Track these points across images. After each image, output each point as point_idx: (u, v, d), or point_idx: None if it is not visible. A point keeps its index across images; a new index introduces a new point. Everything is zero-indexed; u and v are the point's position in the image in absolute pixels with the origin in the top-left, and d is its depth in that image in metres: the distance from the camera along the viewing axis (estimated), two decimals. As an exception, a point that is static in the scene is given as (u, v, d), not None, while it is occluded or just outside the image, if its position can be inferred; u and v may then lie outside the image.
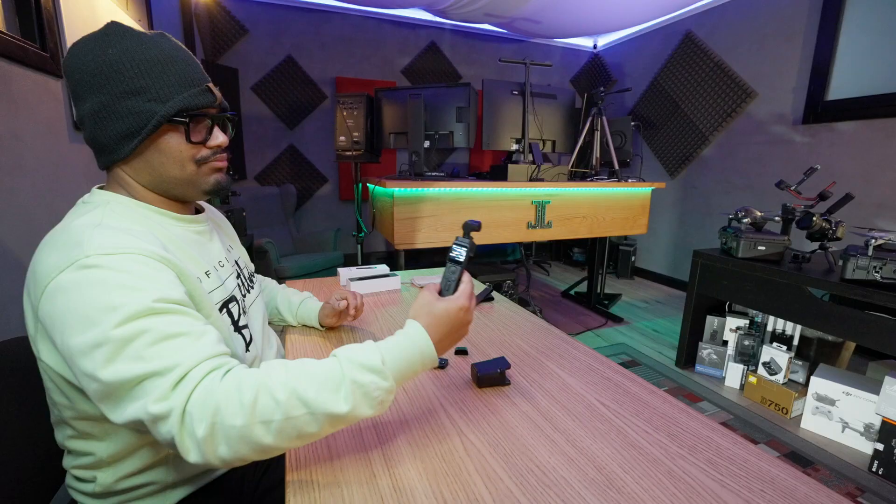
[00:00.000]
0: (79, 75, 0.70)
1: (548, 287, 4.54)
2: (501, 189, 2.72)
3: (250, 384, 0.60)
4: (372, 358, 0.65)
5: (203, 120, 0.78)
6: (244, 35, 4.16)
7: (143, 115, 0.71)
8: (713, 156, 4.07)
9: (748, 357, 2.44)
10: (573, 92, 3.23)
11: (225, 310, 0.83)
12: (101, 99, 0.70)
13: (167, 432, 0.57)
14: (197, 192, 0.81)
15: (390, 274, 1.61)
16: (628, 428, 0.77)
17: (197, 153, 0.78)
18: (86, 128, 0.73)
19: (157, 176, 0.77)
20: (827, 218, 2.10)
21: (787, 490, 0.62)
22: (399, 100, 2.76)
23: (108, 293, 0.60)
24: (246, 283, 1.00)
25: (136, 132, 0.71)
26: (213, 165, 0.81)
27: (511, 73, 5.17)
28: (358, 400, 0.63)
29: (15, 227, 1.33)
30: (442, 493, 0.61)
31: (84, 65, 0.69)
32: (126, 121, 0.71)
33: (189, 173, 0.78)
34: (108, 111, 0.70)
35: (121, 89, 0.70)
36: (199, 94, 0.75)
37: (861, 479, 1.78)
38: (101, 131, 0.71)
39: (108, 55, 0.69)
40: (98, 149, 0.74)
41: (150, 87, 0.71)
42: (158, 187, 0.79)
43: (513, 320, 1.30)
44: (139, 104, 0.70)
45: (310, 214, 4.74)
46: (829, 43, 3.10)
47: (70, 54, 0.71)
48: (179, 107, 0.72)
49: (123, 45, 0.70)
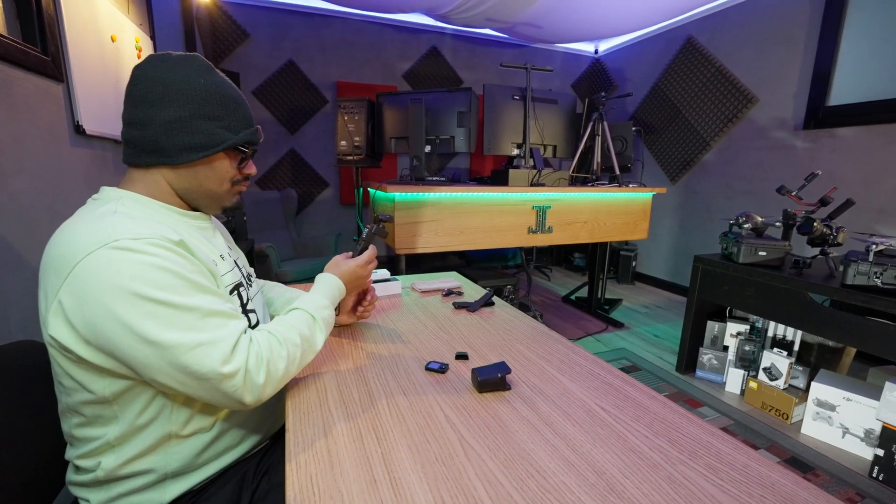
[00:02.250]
0: (161, 86, 0.80)
1: (548, 292, 4.54)
2: (502, 194, 2.72)
3: (277, 340, 0.82)
4: (323, 300, 0.98)
5: (248, 156, 0.93)
6: (245, 39, 4.18)
7: (215, 136, 0.84)
8: (714, 161, 4.07)
9: (749, 362, 2.44)
10: (574, 97, 3.25)
11: (235, 292, 0.93)
12: (182, 114, 0.81)
13: (232, 386, 0.73)
14: (218, 206, 0.95)
15: (391, 278, 1.61)
16: (628, 433, 0.77)
17: (235, 176, 0.92)
18: (148, 129, 0.81)
19: (197, 186, 0.88)
20: (828, 223, 2.10)
21: (787, 495, 0.62)
22: (400, 104, 2.77)
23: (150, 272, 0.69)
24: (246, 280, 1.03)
25: (205, 148, 0.84)
26: (240, 188, 0.96)
27: (512, 78, 5.18)
28: (327, 330, 0.96)
29: (16, 230, 1.33)
30: (442, 497, 0.61)
31: (171, 80, 0.80)
32: (198, 137, 0.83)
33: (223, 191, 0.92)
34: (183, 124, 0.81)
35: (202, 112, 0.83)
36: (254, 133, 0.91)
37: (861, 485, 1.77)
38: (169, 138, 0.81)
39: (199, 83, 0.82)
40: (152, 149, 0.82)
41: (226, 117, 0.86)
42: (189, 194, 0.89)
43: (513, 325, 1.30)
44: (214, 128, 0.84)
45: (311, 219, 4.74)
46: (830, 48, 3.11)
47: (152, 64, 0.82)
48: (245, 140, 0.89)
49: (211, 79, 0.84)
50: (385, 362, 1.02)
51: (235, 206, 0.98)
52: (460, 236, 2.67)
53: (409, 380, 0.94)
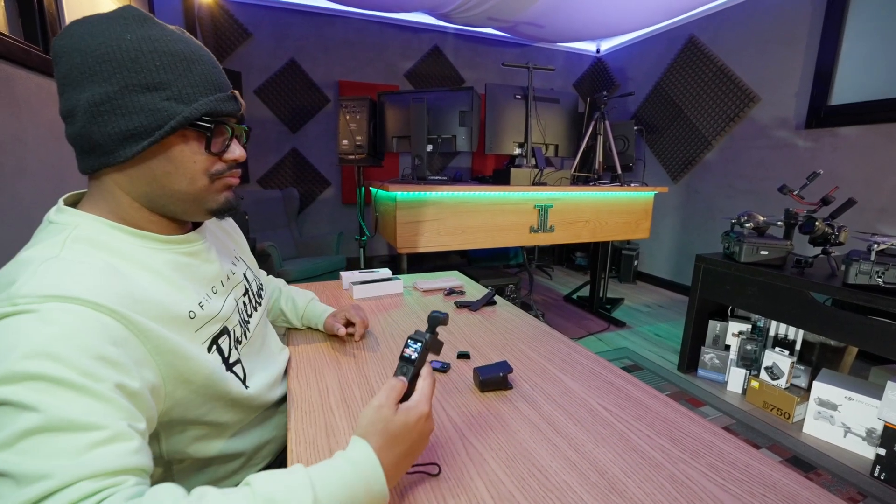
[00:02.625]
0: (80, 58, 0.59)
1: (550, 291, 4.54)
2: (504, 193, 2.72)
3: None
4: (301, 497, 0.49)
5: (223, 130, 0.69)
6: (247, 38, 4.18)
7: (159, 113, 0.61)
8: (716, 160, 4.07)
9: (750, 362, 2.43)
10: (576, 96, 3.24)
11: (215, 346, 0.72)
12: (107, 89, 0.59)
13: None
14: (201, 211, 0.72)
15: (393, 278, 1.61)
16: (630, 432, 0.77)
17: (212, 166, 0.69)
18: (76, 121, 0.61)
19: (159, 188, 0.66)
20: (829, 223, 2.10)
21: (789, 495, 0.62)
22: (402, 104, 2.77)
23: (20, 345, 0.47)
24: (254, 300, 0.92)
25: (148, 132, 0.61)
26: (226, 182, 0.72)
27: (514, 78, 5.18)
28: None
29: (17, 230, 1.33)
30: (444, 496, 0.61)
31: (90, 47, 0.59)
32: (135, 118, 0.60)
33: (198, 188, 0.68)
34: (113, 104, 0.60)
35: (135, 81, 0.60)
36: (225, 101, 0.67)
37: (863, 484, 1.77)
38: (100, 127, 0.60)
39: (125, 41, 0.59)
40: (89, 148, 0.63)
41: (172, 84, 0.62)
42: (154, 203, 0.68)
43: (515, 324, 1.30)
44: (155, 101, 0.61)
45: (312, 218, 4.75)
46: (831, 48, 3.10)
47: (69, 33, 0.60)
48: (205, 110, 0.64)
49: (144, 33, 0.61)
50: (387, 362, 1.03)
51: (227, 208, 0.74)
52: (462, 235, 2.67)
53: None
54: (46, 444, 0.44)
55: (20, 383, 0.45)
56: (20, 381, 0.45)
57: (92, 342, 0.50)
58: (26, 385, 0.45)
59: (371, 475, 0.53)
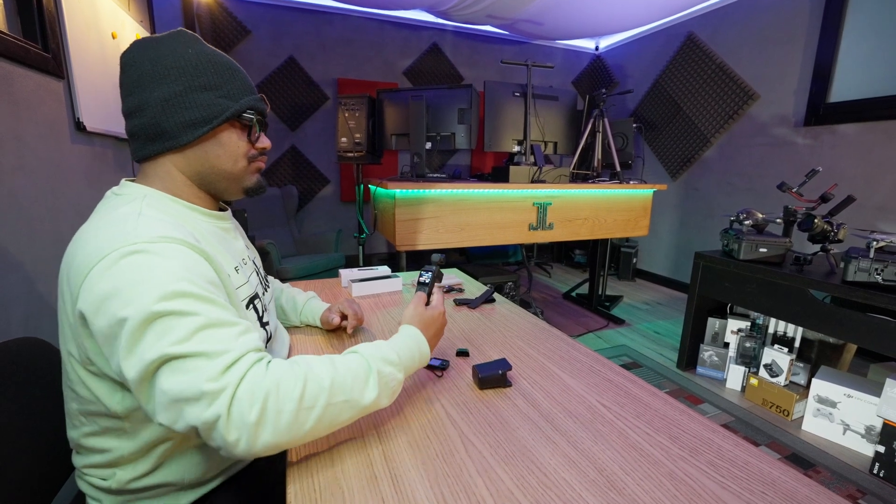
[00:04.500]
0: (150, 66, 0.75)
1: (549, 289, 4.54)
2: (503, 191, 2.72)
3: (296, 374, 0.65)
4: (389, 354, 0.77)
5: (255, 123, 0.85)
6: (246, 36, 4.17)
7: (215, 107, 0.78)
8: (715, 158, 4.07)
9: (749, 359, 2.44)
10: (575, 93, 3.24)
11: (251, 306, 0.87)
12: (176, 89, 0.75)
13: (213, 414, 0.58)
14: (239, 188, 0.88)
15: (392, 275, 1.61)
16: (629, 430, 0.77)
17: (248, 151, 0.85)
18: (146, 113, 0.76)
19: (209, 168, 0.82)
20: (828, 220, 2.10)
21: (788, 492, 0.62)
22: (401, 101, 2.76)
23: (158, 275, 0.63)
24: (263, 282, 1.02)
25: (207, 121, 0.78)
26: (258, 165, 0.89)
27: (513, 75, 5.18)
28: (382, 390, 0.73)
29: (16, 228, 1.33)
30: (443, 494, 0.61)
31: (159, 57, 0.75)
32: (197, 111, 0.77)
33: (239, 169, 0.85)
34: (180, 100, 0.76)
35: (196, 83, 0.77)
36: (259, 101, 0.85)
37: (862, 482, 1.78)
38: (168, 118, 0.76)
39: (187, 53, 0.77)
40: (156, 134, 0.77)
41: (223, 86, 0.80)
42: (204, 180, 0.83)
43: (514, 322, 1.30)
44: (212, 98, 0.78)
45: (311, 216, 4.74)
46: (830, 45, 3.10)
47: (137, 47, 0.77)
48: (248, 106, 0.82)
49: (200, 48, 0.79)
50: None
51: (259, 188, 0.90)
52: (461, 233, 2.67)
53: (409, 376, 0.94)
54: (214, 335, 0.63)
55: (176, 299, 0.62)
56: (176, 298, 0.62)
57: (203, 271, 0.69)
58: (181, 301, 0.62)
59: (421, 341, 0.85)
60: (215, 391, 0.59)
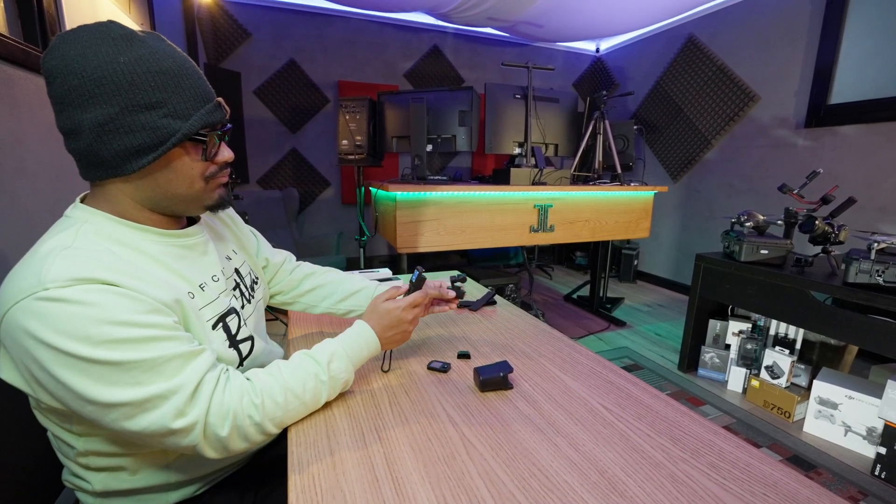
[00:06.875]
0: (77, 80, 0.63)
1: (550, 291, 4.54)
2: (504, 193, 2.72)
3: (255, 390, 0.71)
4: (337, 352, 0.82)
5: (213, 137, 0.75)
6: (247, 39, 4.18)
7: (160, 130, 0.67)
8: (716, 159, 4.07)
9: (751, 361, 2.43)
10: (576, 96, 3.24)
11: (221, 324, 0.80)
12: (109, 111, 0.64)
13: (189, 441, 0.64)
14: (199, 208, 0.79)
15: (393, 278, 1.61)
16: (631, 432, 0.77)
17: (206, 170, 0.76)
18: (81, 139, 0.66)
19: (162, 193, 0.73)
20: (829, 222, 2.10)
21: (789, 494, 0.62)
22: (402, 103, 2.76)
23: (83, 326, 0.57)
24: (247, 292, 0.96)
25: (152, 148, 0.67)
26: (219, 181, 0.79)
27: (514, 77, 5.18)
28: (334, 388, 0.81)
29: (16, 230, 1.33)
30: (444, 496, 0.61)
31: (85, 70, 0.63)
32: (139, 136, 0.66)
33: (196, 190, 0.76)
34: (116, 125, 0.65)
35: (134, 102, 0.65)
36: (214, 111, 0.73)
37: (863, 483, 1.77)
38: (105, 145, 0.66)
39: (118, 63, 0.64)
40: (95, 163, 0.68)
41: (168, 101, 0.67)
42: (158, 205, 0.75)
43: (515, 324, 1.30)
44: (155, 119, 0.66)
45: (312, 218, 4.75)
46: (831, 47, 3.10)
47: (59, 53, 0.64)
48: (200, 125, 0.70)
49: (134, 53, 0.65)
50: (387, 361, 1.03)
51: (221, 204, 0.81)
52: (462, 235, 2.67)
53: (410, 379, 0.94)
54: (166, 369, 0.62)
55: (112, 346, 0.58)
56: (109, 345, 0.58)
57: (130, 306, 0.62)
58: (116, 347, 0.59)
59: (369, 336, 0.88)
60: (188, 427, 0.63)
